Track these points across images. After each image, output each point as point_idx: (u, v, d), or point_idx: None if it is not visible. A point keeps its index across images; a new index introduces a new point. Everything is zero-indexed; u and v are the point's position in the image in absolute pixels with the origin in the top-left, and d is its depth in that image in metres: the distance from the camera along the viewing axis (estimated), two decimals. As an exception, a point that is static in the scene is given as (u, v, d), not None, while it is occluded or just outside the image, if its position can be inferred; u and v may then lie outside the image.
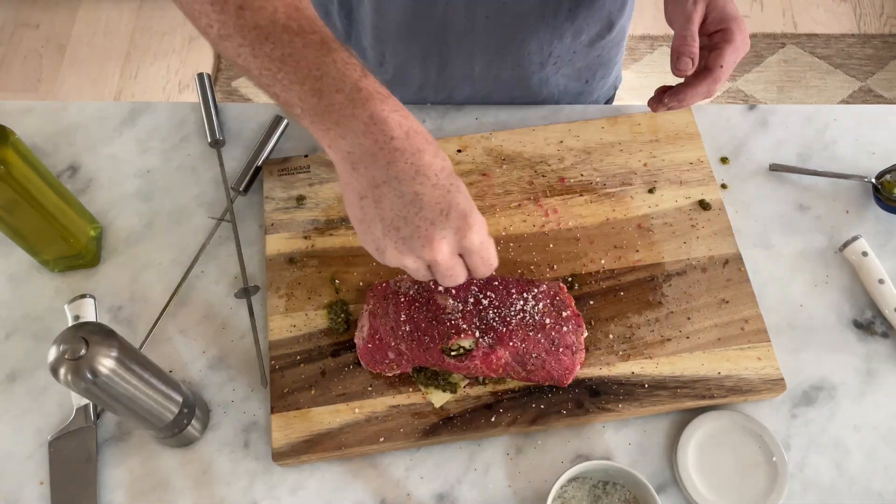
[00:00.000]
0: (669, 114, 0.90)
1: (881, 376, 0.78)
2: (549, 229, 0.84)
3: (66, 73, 2.25)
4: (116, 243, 0.87)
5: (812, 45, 2.22)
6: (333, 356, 0.77)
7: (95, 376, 0.59)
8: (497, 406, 0.74)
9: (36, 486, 0.74)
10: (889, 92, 2.13)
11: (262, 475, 0.74)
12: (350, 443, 0.73)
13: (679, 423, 0.75)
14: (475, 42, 0.87)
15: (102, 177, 0.92)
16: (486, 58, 0.89)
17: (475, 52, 0.88)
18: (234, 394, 0.78)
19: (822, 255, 0.84)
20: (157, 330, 0.81)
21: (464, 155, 0.89)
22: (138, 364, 0.64)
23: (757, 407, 0.76)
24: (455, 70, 0.91)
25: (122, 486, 0.74)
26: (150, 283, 0.84)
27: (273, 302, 0.80)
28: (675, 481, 0.73)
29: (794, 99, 2.11)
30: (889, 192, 0.84)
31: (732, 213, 0.86)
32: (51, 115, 0.96)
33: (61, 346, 0.58)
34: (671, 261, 0.82)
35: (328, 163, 0.88)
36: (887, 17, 2.28)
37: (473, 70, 0.91)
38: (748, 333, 0.77)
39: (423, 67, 0.91)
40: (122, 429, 0.77)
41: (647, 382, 0.75)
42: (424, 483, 0.74)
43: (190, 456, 0.75)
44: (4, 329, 0.82)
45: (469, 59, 0.89)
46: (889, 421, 0.76)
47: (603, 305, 0.79)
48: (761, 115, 0.93)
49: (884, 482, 0.73)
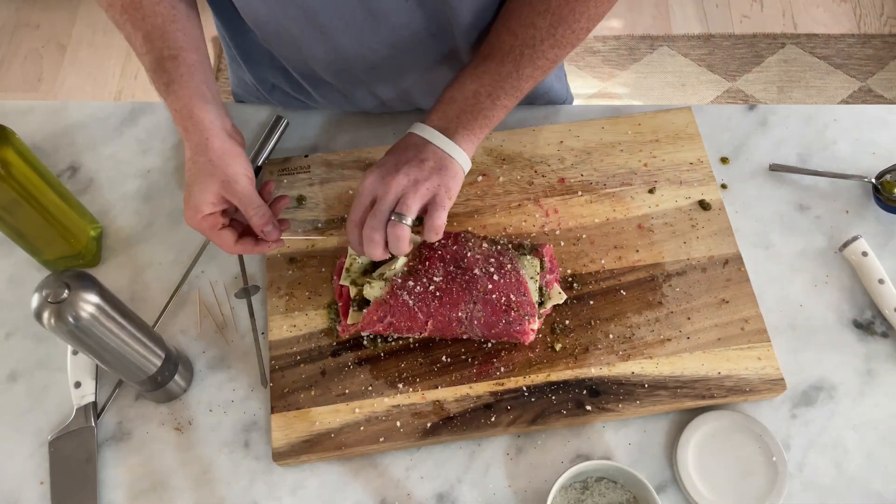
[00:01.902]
0: (669, 114, 0.90)
1: (881, 376, 0.78)
2: (550, 229, 0.84)
3: (67, 73, 2.26)
4: (116, 243, 0.87)
5: (812, 45, 2.22)
6: (333, 356, 0.77)
7: (78, 320, 0.60)
8: (497, 406, 0.74)
9: (36, 486, 0.74)
10: (889, 92, 2.13)
11: (262, 475, 0.74)
12: (350, 443, 0.73)
13: (679, 423, 0.75)
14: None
15: (102, 177, 0.92)
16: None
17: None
18: (234, 394, 0.78)
19: (822, 255, 0.84)
20: (157, 330, 0.81)
21: (464, 155, 0.89)
22: (120, 312, 0.65)
23: (757, 407, 0.76)
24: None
25: (122, 486, 0.74)
26: (150, 283, 0.84)
27: (273, 302, 0.80)
28: (675, 481, 0.73)
29: (794, 99, 2.11)
30: (889, 192, 0.84)
31: (732, 213, 0.86)
32: (51, 115, 0.96)
33: (44, 290, 0.60)
34: (671, 261, 0.82)
35: (328, 163, 0.89)
36: (887, 17, 2.28)
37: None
38: (748, 333, 0.77)
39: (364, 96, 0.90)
40: (122, 429, 0.77)
41: (647, 382, 0.75)
42: (424, 483, 0.74)
43: (190, 456, 0.75)
44: (4, 329, 0.82)
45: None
46: (889, 421, 0.76)
47: (603, 305, 0.79)
48: (761, 115, 0.93)
49: (884, 482, 0.73)
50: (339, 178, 0.88)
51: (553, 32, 0.71)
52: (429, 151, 0.69)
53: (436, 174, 0.68)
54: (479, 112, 0.71)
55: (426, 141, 0.70)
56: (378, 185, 0.68)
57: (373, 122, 0.94)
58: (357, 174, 0.88)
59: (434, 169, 0.69)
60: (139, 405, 0.78)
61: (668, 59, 2.21)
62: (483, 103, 0.71)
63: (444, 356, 0.77)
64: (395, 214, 0.67)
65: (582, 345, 0.77)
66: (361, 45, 0.76)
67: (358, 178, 0.87)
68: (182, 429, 0.77)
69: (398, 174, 0.68)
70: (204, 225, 0.70)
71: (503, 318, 0.72)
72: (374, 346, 0.77)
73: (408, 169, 0.68)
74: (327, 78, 0.84)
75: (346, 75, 0.83)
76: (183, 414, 0.77)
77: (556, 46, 0.72)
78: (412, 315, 0.73)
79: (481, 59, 0.73)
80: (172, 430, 0.77)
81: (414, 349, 0.77)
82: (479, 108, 0.71)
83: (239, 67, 0.93)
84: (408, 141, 0.71)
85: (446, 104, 0.72)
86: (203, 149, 0.68)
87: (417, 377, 0.76)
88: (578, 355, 0.76)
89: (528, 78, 0.72)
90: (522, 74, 0.72)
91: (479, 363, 0.76)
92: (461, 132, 0.70)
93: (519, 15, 0.72)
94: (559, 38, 0.72)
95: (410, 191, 0.67)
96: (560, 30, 0.71)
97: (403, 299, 0.72)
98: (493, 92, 0.71)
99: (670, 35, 2.26)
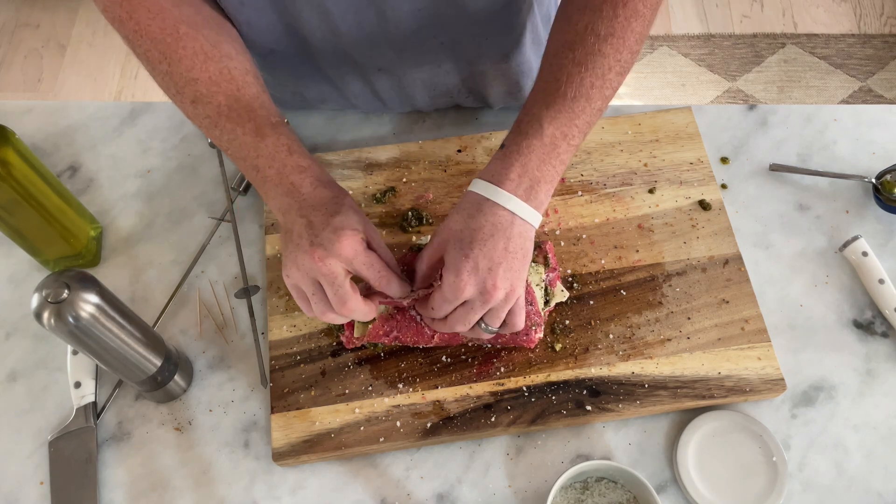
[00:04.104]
0: (669, 113, 0.90)
1: (881, 376, 0.78)
2: (550, 229, 0.84)
3: (67, 73, 2.26)
4: (116, 243, 0.87)
5: (812, 45, 2.22)
6: (333, 356, 0.77)
7: (78, 320, 0.60)
8: (497, 406, 0.74)
9: (36, 486, 0.74)
10: (889, 92, 2.13)
11: (262, 475, 0.74)
12: (350, 443, 0.73)
13: (679, 423, 0.75)
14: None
15: (102, 177, 0.92)
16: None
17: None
18: (234, 394, 0.78)
19: (822, 255, 0.84)
20: (157, 330, 0.81)
21: (464, 155, 0.89)
22: (120, 313, 0.65)
23: (757, 407, 0.76)
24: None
25: (122, 486, 0.74)
26: (150, 283, 0.84)
27: (273, 302, 0.80)
28: (675, 481, 0.73)
29: (794, 99, 2.11)
30: (889, 192, 0.84)
31: (732, 213, 0.86)
32: (51, 115, 0.96)
33: (44, 290, 0.60)
34: (671, 261, 0.82)
35: (328, 163, 0.89)
36: (887, 17, 2.28)
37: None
38: (748, 333, 0.77)
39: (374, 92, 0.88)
40: (122, 429, 0.77)
41: (647, 382, 0.75)
42: (424, 483, 0.74)
43: (190, 456, 0.75)
44: (4, 329, 0.82)
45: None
46: (889, 421, 0.76)
47: (603, 305, 0.79)
48: (761, 115, 0.93)
49: (884, 482, 0.73)
50: (339, 177, 0.88)
51: (619, 59, 0.64)
52: (515, 234, 0.62)
53: (523, 267, 0.64)
54: (557, 159, 0.64)
55: (513, 217, 0.62)
56: (476, 294, 0.62)
57: (373, 121, 0.94)
58: (357, 174, 0.88)
59: (522, 260, 0.63)
60: (139, 405, 0.78)
61: (668, 58, 2.21)
62: (560, 147, 0.64)
63: (444, 356, 0.77)
64: (483, 323, 0.65)
65: (582, 345, 0.77)
66: (368, 47, 0.75)
67: (358, 178, 0.88)
68: (182, 429, 0.77)
69: (497, 285, 0.61)
70: (363, 256, 0.62)
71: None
72: (375, 347, 0.77)
73: (504, 274, 0.62)
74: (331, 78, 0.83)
75: (350, 77, 0.83)
76: (183, 414, 0.77)
77: (621, 74, 0.65)
78: (419, 330, 0.72)
79: (550, 96, 0.65)
80: (172, 430, 0.77)
81: (414, 349, 0.77)
82: (557, 155, 0.64)
83: None
84: (493, 219, 0.62)
85: (525, 155, 0.63)
86: (346, 194, 0.65)
87: (417, 377, 0.76)
88: (578, 355, 0.76)
89: (598, 112, 0.66)
90: (594, 109, 0.65)
91: (479, 363, 0.76)
92: (543, 187, 0.64)
93: (584, 43, 0.64)
94: (624, 64, 0.65)
95: (503, 305, 0.63)
96: (623, 55, 0.65)
97: (410, 315, 0.72)
98: (569, 133, 0.64)
99: (670, 35, 2.26)
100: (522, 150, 0.64)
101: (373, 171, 0.88)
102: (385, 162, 0.89)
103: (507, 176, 0.63)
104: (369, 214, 0.85)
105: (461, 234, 0.62)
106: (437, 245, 0.65)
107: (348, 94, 0.88)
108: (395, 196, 0.86)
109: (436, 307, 0.65)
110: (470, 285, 0.62)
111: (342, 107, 0.93)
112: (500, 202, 0.62)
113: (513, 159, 0.64)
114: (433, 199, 0.86)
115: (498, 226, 0.62)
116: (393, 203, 0.86)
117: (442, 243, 0.64)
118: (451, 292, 0.62)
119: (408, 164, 0.88)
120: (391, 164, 0.89)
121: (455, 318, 0.65)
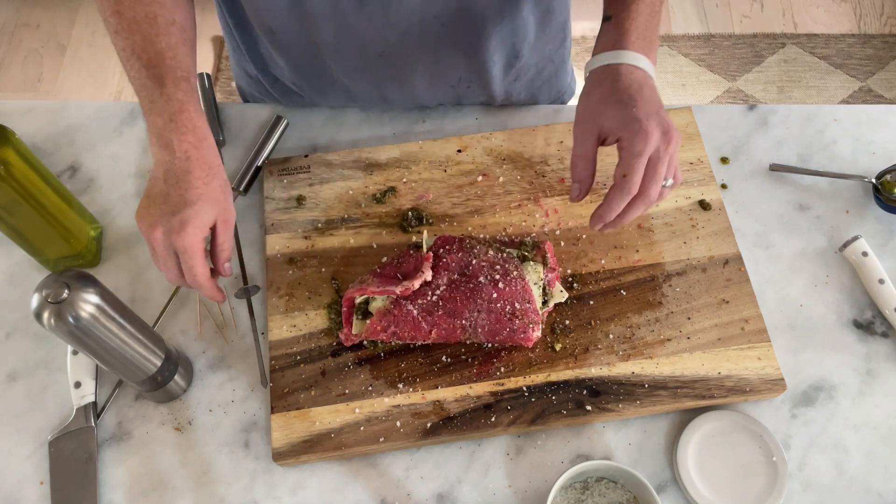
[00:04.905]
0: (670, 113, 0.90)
1: (881, 376, 0.78)
2: (550, 229, 0.84)
3: (67, 73, 2.25)
4: (116, 243, 0.87)
5: (812, 45, 2.22)
6: (333, 356, 0.77)
7: (78, 320, 0.60)
8: (497, 406, 0.74)
9: (36, 486, 0.74)
10: (889, 92, 2.13)
11: (262, 475, 0.74)
12: (350, 443, 0.73)
13: (679, 423, 0.75)
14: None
15: (102, 177, 0.92)
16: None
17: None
18: (234, 394, 0.78)
19: (822, 255, 0.84)
20: (157, 330, 0.81)
21: (464, 155, 0.89)
22: (120, 312, 0.65)
23: (757, 407, 0.76)
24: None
25: (122, 486, 0.74)
26: (150, 283, 0.84)
27: (273, 302, 0.80)
28: (675, 481, 0.73)
29: (794, 99, 2.11)
30: (889, 192, 0.84)
31: (732, 213, 0.86)
32: (51, 115, 0.96)
33: (44, 290, 0.60)
34: (671, 261, 0.82)
35: (328, 163, 0.89)
36: (887, 17, 2.28)
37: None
38: (748, 333, 0.77)
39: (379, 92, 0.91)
40: (122, 429, 0.77)
41: (647, 382, 0.75)
42: (424, 483, 0.74)
43: (190, 456, 0.75)
44: (4, 329, 0.82)
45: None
46: (889, 421, 0.76)
47: (603, 305, 0.79)
48: (761, 115, 0.93)
49: (884, 482, 0.73)
50: (339, 178, 0.88)
51: None
52: (653, 86, 0.69)
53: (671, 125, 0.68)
54: (656, 19, 0.72)
55: (644, 72, 0.69)
56: (660, 136, 0.66)
57: (373, 121, 0.94)
58: (357, 174, 0.88)
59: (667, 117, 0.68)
60: (139, 405, 0.78)
61: (669, 59, 2.21)
62: (655, 6, 0.72)
63: (444, 356, 0.77)
64: (665, 180, 0.68)
65: (582, 345, 0.77)
66: (371, 28, 0.76)
67: (358, 178, 0.88)
68: (182, 429, 0.77)
69: (671, 124, 0.67)
70: (197, 245, 0.68)
71: (507, 327, 0.72)
72: (375, 347, 0.77)
73: (667, 116, 0.67)
74: (333, 65, 0.84)
75: (352, 62, 0.83)
76: (183, 414, 0.77)
77: None
78: (416, 325, 0.73)
79: None
80: (172, 430, 0.77)
81: (414, 349, 0.77)
82: (656, 14, 0.72)
83: (242, 58, 0.93)
84: (633, 77, 0.68)
85: (635, 19, 0.70)
86: (214, 175, 0.68)
87: (417, 377, 0.76)
88: (578, 355, 0.76)
89: None
90: None
91: (479, 363, 0.76)
92: (654, 43, 0.71)
93: None
94: None
95: (676, 147, 0.67)
96: None
97: (407, 310, 0.72)
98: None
99: (670, 35, 2.26)
100: (631, 14, 0.70)
101: (373, 171, 0.88)
102: (385, 162, 0.89)
103: (629, 39, 0.69)
104: (369, 214, 0.85)
105: (613, 99, 0.67)
106: (589, 128, 0.69)
107: (349, 86, 0.88)
108: (395, 196, 0.87)
109: (629, 175, 0.66)
110: (653, 128, 0.65)
111: (343, 102, 0.93)
112: (630, 62, 0.69)
113: (627, 25, 0.70)
114: (433, 199, 0.86)
115: (640, 80, 0.68)
116: (393, 203, 0.86)
117: (593, 122, 0.68)
118: (640, 142, 0.65)
119: (408, 164, 0.88)
120: (391, 164, 0.89)
121: (648, 178, 0.66)
